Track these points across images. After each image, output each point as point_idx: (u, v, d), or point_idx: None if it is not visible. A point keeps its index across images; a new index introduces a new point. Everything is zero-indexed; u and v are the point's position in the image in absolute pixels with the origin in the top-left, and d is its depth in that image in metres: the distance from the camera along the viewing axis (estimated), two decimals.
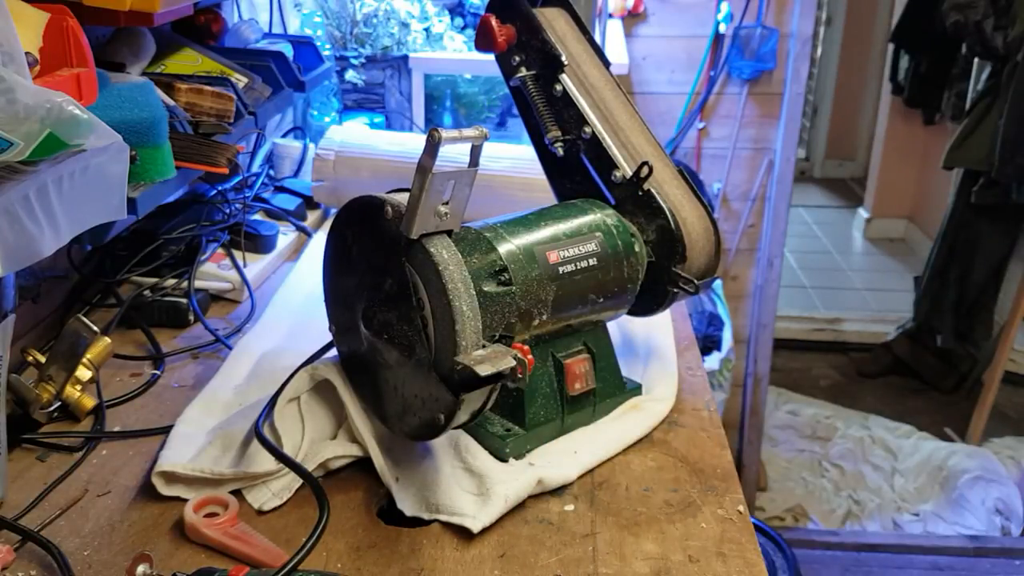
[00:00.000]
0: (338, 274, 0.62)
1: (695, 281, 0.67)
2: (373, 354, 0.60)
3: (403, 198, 0.54)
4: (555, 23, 0.74)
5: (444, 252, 0.53)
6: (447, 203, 0.53)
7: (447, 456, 0.63)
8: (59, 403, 0.69)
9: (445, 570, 0.54)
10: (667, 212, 0.67)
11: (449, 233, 0.55)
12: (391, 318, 0.57)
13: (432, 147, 0.50)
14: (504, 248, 0.61)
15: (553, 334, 0.66)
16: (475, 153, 0.53)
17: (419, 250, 0.54)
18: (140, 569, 0.51)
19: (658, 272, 0.68)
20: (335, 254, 0.62)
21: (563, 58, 0.71)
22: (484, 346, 0.53)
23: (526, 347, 0.53)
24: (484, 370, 0.50)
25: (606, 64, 0.75)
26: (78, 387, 0.70)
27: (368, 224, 0.57)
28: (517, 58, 0.73)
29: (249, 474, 0.60)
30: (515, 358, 0.51)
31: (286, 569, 0.49)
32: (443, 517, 0.58)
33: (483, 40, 0.73)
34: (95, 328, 0.70)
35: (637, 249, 0.68)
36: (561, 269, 0.62)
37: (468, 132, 0.52)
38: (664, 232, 0.67)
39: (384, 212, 0.55)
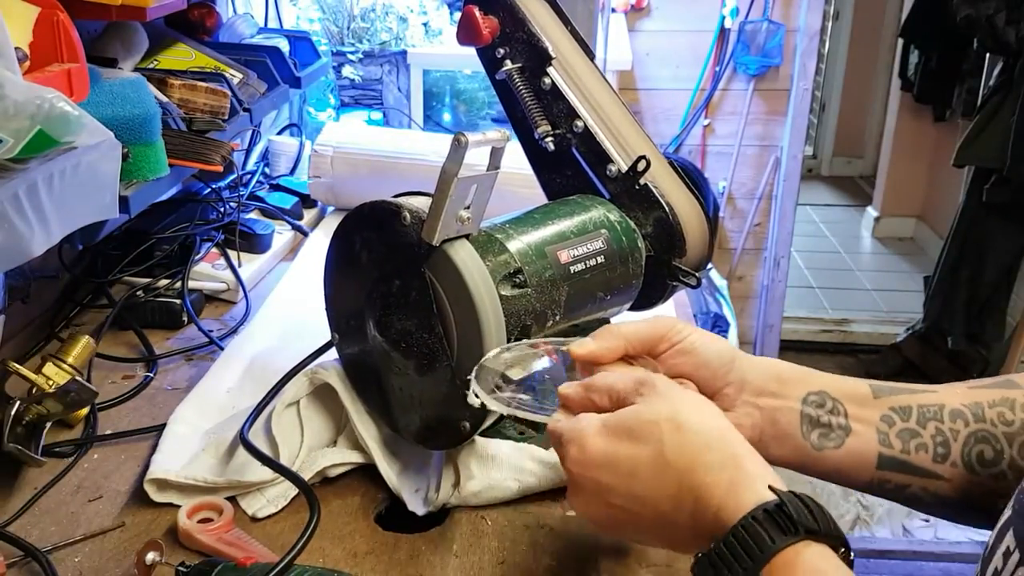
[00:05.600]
0: (343, 280, 0.61)
1: (696, 274, 0.66)
2: (384, 361, 0.58)
3: (419, 203, 0.53)
4: (537, 14, 0.72)
5: (467, 258, 0.53)
6: (468, 207, 0.53)
7: (455, 454, 0.62)
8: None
9: None
10: (666, 206, 0.66)
11: (467, 237, 0.54)
12: (409, 326, 0.56)
13: (457, 152, 0.49)
14: (517, 249, 0.59)
15: (562, 334, 0.64)
16: (496, 156, 0.53)
17: (441, 256, 0.53)
18: (150, 556, 0.51)
19: (657, 266, 0.67)
20: (341, 259, 0.61)
21: (550, 50, 0.69)
22: (508, 349, 0.51)
23: (549, 347, 0.51)
24: (516, 374, 0.48)
25: (591, 56, 0.73)
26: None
27: (381, 230, 0.56)
28: (502, 51, 0.71)
29: (243, 483, 0.59)
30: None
31: (280, 566, 0.48)
32: (454, 500, 0.58)
33: (466, 33, 0.71)
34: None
35: (639, 244, 0.66)
36: (572, 268, 0.61)
37: (491, 135, 0.51)
38: (663, 226, 0.66)
39: (401, 218, 0.54)
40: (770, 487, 0.36)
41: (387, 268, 0.57)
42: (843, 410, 0.44)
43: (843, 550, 0.35)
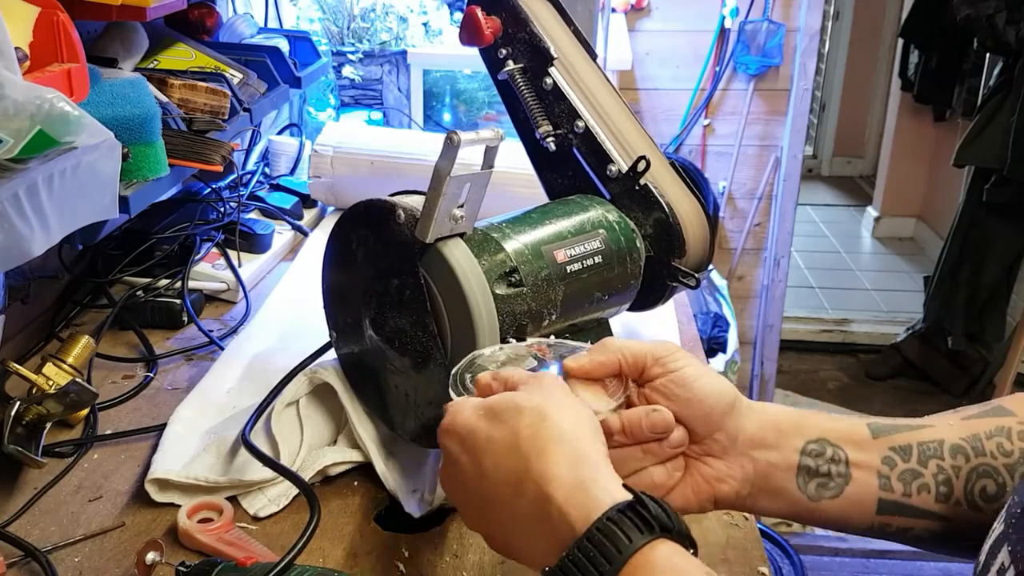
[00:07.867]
0: (340, 278, 0.61)
1: (695, 275, 0.66)
2: (381, 359, 0.58)
3: (414, 201, 0.54)
4: (540, 14, 0.73)
5: (461, 257, 0.53)
6: (462, 206, 0.53)
7: None
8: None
9: None
10: (665, 207, 0.66)
11: (461, 236, 0.54)
12: (404, 324, 0.56)
13: (450, 151, 0.49)
14: (513, 249, 0.60)
15: (558, 333, 0.64)
16: (490, 155, 0.53)
17: (435, 255, 0.53)
18: (150, 556, 0.51)
19: (656, 267, 0.67)
20: (337, 257, 0.61)
21: (552, 51, 0.69)
22: (501, 348, 0.52)
23: (543, 346, 0.51)
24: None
25: (593, 56, 0.74)
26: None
27: (376, 228, 0.56)
28: (504, 51, 0.71)
29: (244, 482, 0.59)
30: (535, 357, 0.50)
31: (280, 566, 0.48)
32: (450, 503, 0.57)
33: (468, 33, 0.71)
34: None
35: (638, 244, 0.66)
36: (569, 268, 0.61)
37: (484, 134, 0.51)
38: (662, 226, 0.66)
39: (395, 216, 0.54)
40: (624, 485, 0.35)
41: (382, 266, 0.57)
42: (844, 456, 0.42)
43: (692, 551, 0.34)
